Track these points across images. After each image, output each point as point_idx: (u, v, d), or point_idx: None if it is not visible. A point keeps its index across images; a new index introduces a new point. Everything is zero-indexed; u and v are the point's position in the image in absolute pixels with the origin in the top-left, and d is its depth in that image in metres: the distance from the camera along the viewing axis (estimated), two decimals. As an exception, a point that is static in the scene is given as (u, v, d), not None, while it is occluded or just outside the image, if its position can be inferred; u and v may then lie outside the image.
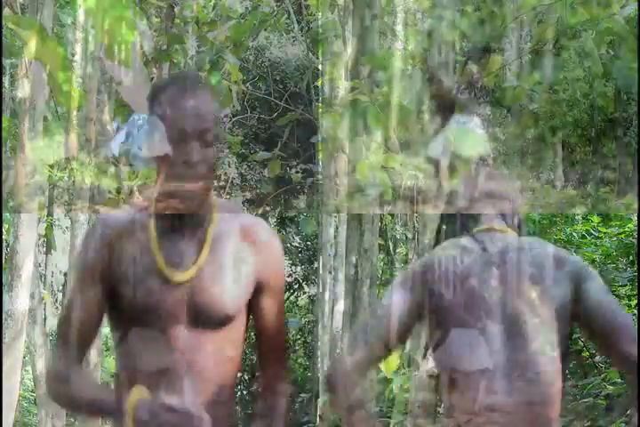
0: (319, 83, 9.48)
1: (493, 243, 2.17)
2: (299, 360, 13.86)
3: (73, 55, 7.18)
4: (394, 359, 4.47)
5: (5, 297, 4.70)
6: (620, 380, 5.64)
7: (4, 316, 4.66)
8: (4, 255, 5.42)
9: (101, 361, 8.26)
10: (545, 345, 2.07)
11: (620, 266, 6.38)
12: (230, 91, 8.26)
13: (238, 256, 1.91)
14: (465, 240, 2.18)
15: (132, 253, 1.89)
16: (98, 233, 1.92)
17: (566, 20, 4.74)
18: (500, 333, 2.07)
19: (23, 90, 4.75)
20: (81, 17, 6.81)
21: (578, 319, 2.14)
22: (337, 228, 9.61)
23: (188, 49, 7.99)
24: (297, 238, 14.42)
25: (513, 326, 2.08)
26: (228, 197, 12.77)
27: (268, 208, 13.03)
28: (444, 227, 2.27)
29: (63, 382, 1.91)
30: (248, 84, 11.43)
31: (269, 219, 13.40)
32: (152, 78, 8.58)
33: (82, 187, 6.73)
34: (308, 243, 14.73)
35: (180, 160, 1.82)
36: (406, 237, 10.97)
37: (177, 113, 1.84)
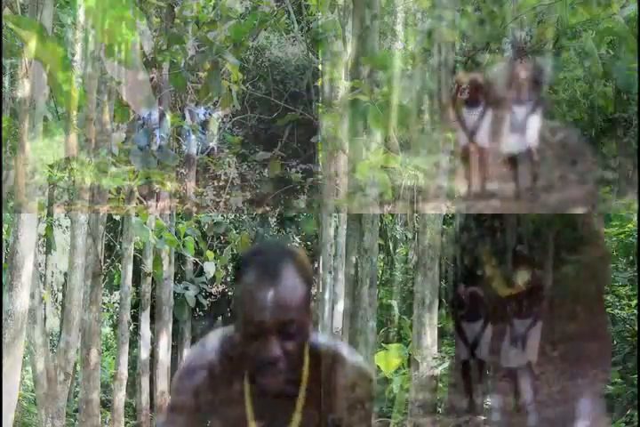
0: (319, 83, 9.47)
1: None
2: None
3: (73, 55, 7.17)
4: (394, 359, 4.47)
5: (5, 297, 4.70)
6: (620, 380, 5.64)
7: (4, 316, 4.66)
8: (4, 255, 5.42)
9: (100, 361, 8.26)
10: None
11: (620, 266, 6.39)
12: (230, 91, 8.26)
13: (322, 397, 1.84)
14: None
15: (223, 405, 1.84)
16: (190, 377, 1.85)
17: (566, 20, 4.74)
18: None
19: (23, 90, 4.74)
20: (81, 17, 6.79)
21: None
22: (337, 228, 9.60)
23: (187, 49, 7.99)
24: (297, 238, 14.43)
25: None
26: (228, 196, 12.78)
27: (267, 208, 13.02)
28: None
29: None
30: (248, 84, 11.43)
31: (269, 219, 13.41)
32: (152, 78, 8.59)
33: (82, 187, 6.72)
34: (308, 243, 14.74)
35: (259, 353, 1.69)
36: (406, 237, 10.97)
37: (254, 304, 1.69)
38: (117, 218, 10.80)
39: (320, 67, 9.42)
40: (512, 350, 2.13)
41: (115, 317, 13.91)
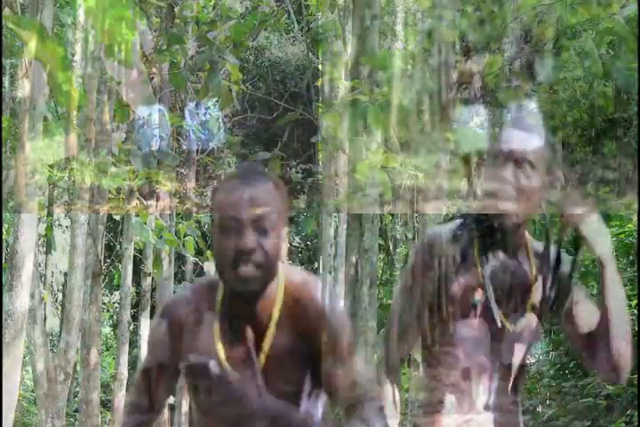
0: (319, 83, 9.47)
1: None
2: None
3: (73, 55, 7.17)
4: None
5: (5, 297, 4.70)
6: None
7: (4, 316, 4.66)
8: (4, 255, 5.42)
9: (100, 361, 8.26)
10: None
11: (620, 266, 6.39)
12: (230, 91, 8.26)
13: (295, 330, 1.91)
14: None
15: (196, 339, 1.92)
16: (165, 320, 1.97)
17: (566, 20, 4.74)
18: None
19: (23, 90, 4.74)
20: (81, 17, 6.80)
21: None
22: (337, 228, 9.60)
23: (187, 49, 7.99)
24: (297, 238, 14.43)
25: None
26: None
27: (267, 208, 13.01)
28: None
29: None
30: (248, 84, 11.43)
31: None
32: (152, 78, 8.58)
33: (82, 187, 6.72)
34: (308, 243, 14.74)
35: (235, 248, 1.83)
36: (406, 237, 10.97)
37: (231, 201, 1.85)
38: (117, 218, 10.80)
39: (320, 67, 9.41)
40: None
41: (115, 317, 13.91)
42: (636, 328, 5.73)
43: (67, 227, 11.34)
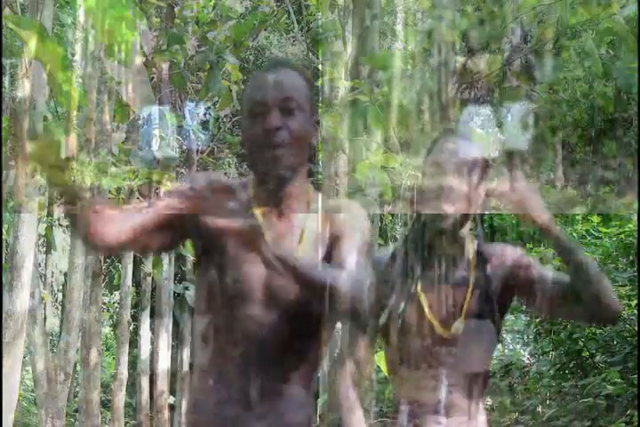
0: (319, 83, 9.47)
1: None
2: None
3: (73, 55, 7.18)
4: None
5: (5, 297, 4.70)
6: (620, 380, 5.64)
7: (4, 316, 4.66)
8: (4, 255, 5.42)
9: (100, 361, 8.26)
10: None
11: (620, 266, 6.38)
12: (230, 91, 8.26)
13: (315, 235, 1.91)
14: None
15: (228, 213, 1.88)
16: (201, 184, 1.95)
17: (566, 20, 4.75)
18: None
19: (23, 90, 4.74)
20: (81, 17, 6.81)
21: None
22: (337, 228, 9.59)
23: (187, 49, 7.99)
24: (297, 238, 14.44)
25: None
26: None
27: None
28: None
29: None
30: (248, 84, 11.42)
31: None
32: (152, 78, 8.59)
33: (82, 187, 6.72)
34: (308, 243, 14.72)
35: (262, 129, 1.85)
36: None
37: (257, 87, 1.90)
38: (117, 218, 10.77)
39: (320, 67, 9.41)
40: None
41: (115, 317, 13.91)
42: (636, 328, 5.72)
43: (67, 227, 11.33)
